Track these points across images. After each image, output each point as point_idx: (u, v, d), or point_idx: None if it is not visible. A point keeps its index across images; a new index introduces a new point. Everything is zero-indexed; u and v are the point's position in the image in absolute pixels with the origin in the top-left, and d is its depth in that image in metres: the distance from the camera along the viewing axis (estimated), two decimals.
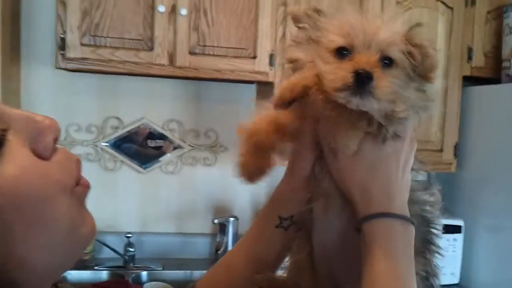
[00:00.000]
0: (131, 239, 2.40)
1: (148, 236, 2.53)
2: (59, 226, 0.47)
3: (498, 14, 2.43)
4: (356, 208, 0.63)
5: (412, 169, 0.68)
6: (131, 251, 2.40)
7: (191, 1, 2.11)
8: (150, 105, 2.50)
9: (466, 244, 2.40)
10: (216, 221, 2.48)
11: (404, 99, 0.58)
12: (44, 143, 0.48)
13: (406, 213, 0.63)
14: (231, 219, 2.48)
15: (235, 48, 2.18)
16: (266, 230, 0.74)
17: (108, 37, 2.08)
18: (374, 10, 2.26)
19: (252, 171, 0.66)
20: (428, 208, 0.70)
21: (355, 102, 0.57)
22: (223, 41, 2.16)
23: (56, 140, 0.49)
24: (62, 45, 2.04)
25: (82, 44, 2.05)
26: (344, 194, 0.64)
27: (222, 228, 2.48)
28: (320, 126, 0.61)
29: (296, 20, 0.65)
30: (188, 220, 2.61)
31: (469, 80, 2.47)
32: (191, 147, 2.57)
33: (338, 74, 0.57)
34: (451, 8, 2.37)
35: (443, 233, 2.16)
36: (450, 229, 2.38)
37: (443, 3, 2.36)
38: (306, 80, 0.60)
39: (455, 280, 2.41)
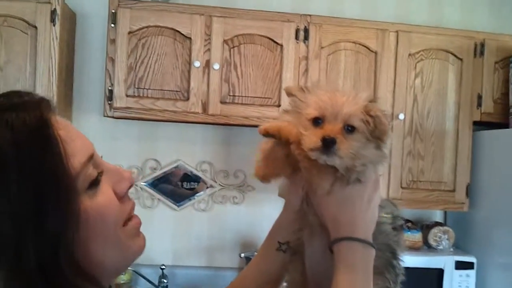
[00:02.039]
0: (165, 271, 2.60)
1: (180, 269, 2.71)
2: (118, 242, 0.68)
3: (505, 63, 2.60)
4: (329, 234, 0.81)
5: (380, 206, 0.85)
6: (165, 282, 2.59)
7: (223, 57, 2.38)
8: (185, 149, 2.74)
9: (478, 280, 2.50)
10: (242, 255, 2.66)
11: (362, 156, 0.78)
12: (122, 187, 0.70)
13: (368, 238, 0.79)
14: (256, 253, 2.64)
15: (262, 97, 2.41)
16: (269, 252, 0.93)
17: (149, 88, 2.35)
18: (389, 63, 2.48)
19: (264, 175, 0.86)
20: (393, 238, 0.86)
21: (323, 159, 0.77)
22: (250, 91, 2.41)
23: (130, 187, 0.72)
24: (109, 96, 2.32)
25: (127, 95, 2.33)
26: (322, 224, 0.83)
27: (248, 262, 2.65)
28: (302, 172, 0.81)
29: (288, 94, 0.87)
30: (217, 254, 2.79)
31: (479, 125, 2.63)
32: (221, 187, 2.79)
33: (311, 138, 0.77)
34: (461, 59, 2.55)
35: (456, 269, 2.31)
36: (463, 266, 2.49)
37: (453, 54, 2.55)
38: (288, 130, 0.81)
39: None
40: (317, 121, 0.80)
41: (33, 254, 0.56)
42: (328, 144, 0.76)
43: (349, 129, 0.78)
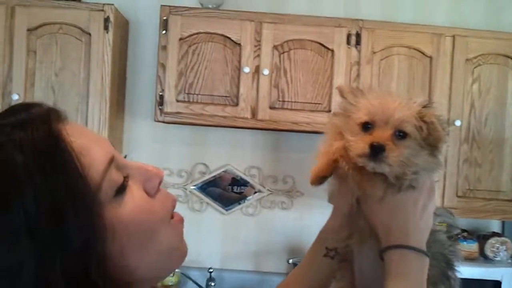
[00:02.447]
0: (212, 274, 2.62)
1: (227, 273, 2.73)
2: (160, 248, 0.65)
3: None
4: (380, 241, 0.78)
5: (435, 214, 0.81)
6: (212, 285, 2.61)
7: (272, 62, 2.36)
8: (234, 154, 2.75)
9: None
10: (290, 261, 2.64)
11: (413, 164, 0.75)
12: (152, 185, 0.65)
13: (422, 247, 0.76)
14: None
15: (311, 103, 2.38)
16: (315, 259, 0.91)
17: (199, 94, 2.36)
18: (444, 68, 2.39)
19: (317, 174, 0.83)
20: (448, 248, 0.83)
21: (371, 166, 0.75)
22: (300, 96, 2.38)
23: (160, 183, 0.67)
24: (160, 101, 2.36)
25: (177, 101, 2.35)
26: (373, 231, 0.80)
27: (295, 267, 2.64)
28: (354, 180, 0.78)
29: (341, 94, 0.84)
30: (264, 259, 2.78)
31: None
32: (270, 192, 2.78)
33: (359, 144, 0.75)
34: None
35: None
36: None
37: None
38: (331, 157, 0.79)
39: None
40: (366, 126, 0.77)
41: (59, 273, 0.53)
42: (376, 151, 0.74)
43: (401, 135, 0.76)
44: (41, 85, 2.32)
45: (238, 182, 2.76)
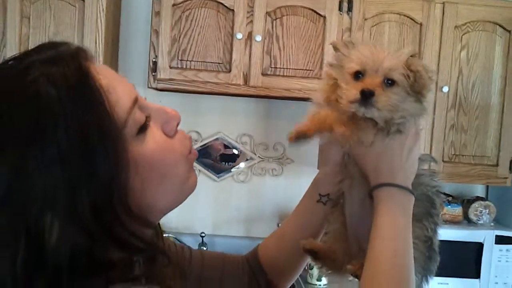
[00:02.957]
0: (204, 239, 2.67)
1: (219, 238, 2.78)
2: (176, 180, 0.69)
3: None
4: (369, 181, 0.85)
5: (420, 159, 0.88)
6: (204, 249, 2.67)
7: (265, 29, 2.38)
8: (226, 121, 2.78)
9: None
10: (280, 224, 2.70)
11: (401, 109, 0.81)
12: (171, 127, 0.69)
13: (408, 185, 0.83)
14: None
15: (303, 69, 2.42)
16: (309, 205, 0.97)
17: (192, 60, 2.38)
18: (434, 35, 2.44)
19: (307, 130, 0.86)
20: (431, 189, 0.89)
21: (362, 111, 0.80)
22: (292, 63, 2.41)
23: (178, 124, 0.72)
24: (154, 67, 2.37)
25: (170, 67, 2.37)
26: (363, 174, 0.86)
27: None
28: (347, 127, 0.83)
29: (334, 48, 0.89)
30: (255, 224, 2.85)
31: None
32: (261, 159, 2.83)
33: (351, 91, 0.80)
34: (509, 31, 2.49)
35: (496, 243, 2.31)
36: (504, 240, 2.49)
37: (501, 26, 2.48)
38: (318, 122, 0.83)
39: None
40: (358, 75, 0.82)
41: (86, 201, 0.56)
42: (366, 96, 0.79)
43: (389, 82, 0.81)
44: None
45: (229, 150, 2.81)
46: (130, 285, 0.60)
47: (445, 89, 2.46)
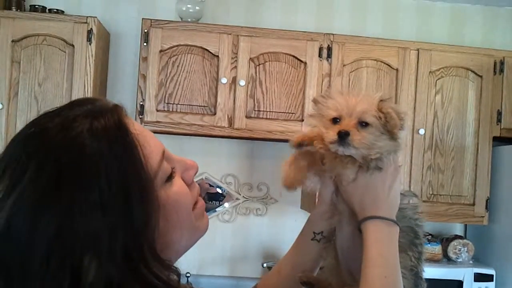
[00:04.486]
0: (189, 279, 2.68)
1: (204, 278, 2.79)
2: (190, 223, 0.77)
3: None
4: (357, 215, 0.92)
5: (403, 194, 0.96)
6: None
7: (249, 74, 2.48)
8: (211, 162, 2.84)
9: None
10: (265, 265, 2.74)
11: (376, 146, 0.90)
12: (189, 175, 0.78)
13: (392, 217, 0.90)
14: None
15: (285, 112, 2.51)
16: (304, 243, 1.03)
17: (179, 104, 2.46)
18: (410, 80, 2.56)
19: (290, 181, 0.98)
20: (415, 222, 0.97)
21: (340, 150, 0.90)
22: (275, 106, 2.51)
23: (195, 173, 0.80)
24: (141, 110, 2.45)
25: (157, 110, 2.45)
26: (351, 209, 0.94)
27: None
28: (328, 166, 0.93)
29: (314, 102, 1.00)
30: (240, 264, 2.87)
31: (499, 140, 2.68)
32: (245, 199, 2.88)
33: (330, 134, 0.90)
34: (481, 76, 2.62)
35: (475, 281, 2.36)
36: (483, 278, 2.54)
37: (473, 72, 2.61)
38: (313, 134, 0.94)
39: None
40: (335, 120, 0.93)
41: (121, 242, 0.62)
42: (342, 137, 0.89)
43: (363, 124, 0.91)
44: (25, 95, 2.38)
45: (214, 190, 2.86)
46: None
47: (422, 131, 2.56)
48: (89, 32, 2.40)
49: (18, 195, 0.61)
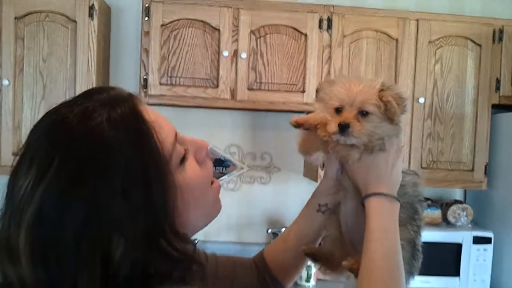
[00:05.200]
0: (197, 245, 2.78)
1: (210, 244, 2.88)
2: (206, 204, 0.81)
3: None
4: (360, 192, 0.98)
5: (404, 172, 1.02)
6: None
7: (250, 47, 2.51)
8: (214, 133, 2.90)
9: (495, 254, 2.63)
10: (269, 230, 2.84)
11: (377, 133, 0.96)
12: (201, 155, 0.82)
13: (393, 194, 0.96)
14: (283, 229, 2.78)
15: (287, 84, 2.54)
16: (309, 214, 1.09)
17: (181, 77, 2.50)
18: (409, 50, 2.58)
19: (305, 148, 1.04)
20: (414, 198, 1.03)
21: (342, 140, 0.96)
22: (276, 78, 2.54)
23: (206, 153, 0.84)
24: (145, 84, 2.49)
25: (161, 84, 2.49)
26: (355, 186, 1.00)
27: (275, 237, 2.81)
28: (333, 150, 0.99)
29: (318, 91, 1.05)
30: (245, 230, 2.97)
31: (498, 108, 2.71)
32: (249, 168, 2.95)
33: (332, 124, 0.96)
34: (480, 45, 2.63)
35: (474, 243, 2.45)
36: (481, 241, 2.62)
37: (472, 40, 2.63)
38: (315, 120, 1.00)
39: (486, 286, 2.64)
40: (338, 109, 0.97)
41: (143, 223, 0.67)
42: (343, 128, 0.94)
43: (364, 113, 0.96)
44: (30, 71, 2.42)
45: (219, 160, 2.93)
46: (176, 286, 0.71)
47: (421, 100, 2.60)
48: (91, 7, 2.41)
49: (47, 186, 0.65)
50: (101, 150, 0.67)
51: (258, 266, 1.14)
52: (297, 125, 1.01)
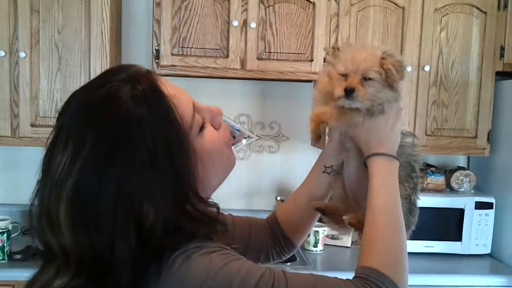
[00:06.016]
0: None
1: (222, 211, 2.99)
2: (223, 162, 0.91)
3: None
4: (363, 153, 1.05)
5: (403, 133, 1.10)
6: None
7: (259, 16, 2.56)
8: (224, 102, 2.93)
9: (497, 219, 2.70)
10: (278, 198, 2.92)
11: (378, 98, 1.03)
12: (217, 121, 0.91)
13: (393, 153, 1.03)
14: None
15: (295, 53, 2.60)
16: (316, 175, 1.17)
17: (192, 47, 2.56)
18: (415, 18, 2.63)
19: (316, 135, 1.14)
20: (412, 158, 1.12)
21: (348, 103, 1.03)
22: (285, 47, 2.59)
23: (221, 118, 0.93)
24: (157, 55, 2.55)
25: (172, 54, 2.55)
26: (357, 148, 1.08)
27: None
28: (339, 118, 1.07)
29: (326, 51, 1.12)
30: (255, 198, 3.06)
31: (502, 75, 2.77)
32: (258, 137, 3.03)
33: (338, 89, 1.03)
34: (485, 12, 2.67)
35: (476, 208, 2.53)
36: (483, 206, 2.69)
37: (477, 8, 2.67)
38: (321, 116, 1.10)
39: (487, 250, 2.72)
40: (343, 75, 1.05)
41: (171, 190, 0.76)
42: (348, 93, 1.02)
43: (367, 79, 1.03)
44: (46, 43, 2.48)
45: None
46: (204, 241, 0.79)
47: (427, 68, 2.66)
48: None
49: (83, 162, 0.73)
50: (129, 127, 0.75)
51: (272, 226, 1.21)
52: (316, 133, 1.13)
